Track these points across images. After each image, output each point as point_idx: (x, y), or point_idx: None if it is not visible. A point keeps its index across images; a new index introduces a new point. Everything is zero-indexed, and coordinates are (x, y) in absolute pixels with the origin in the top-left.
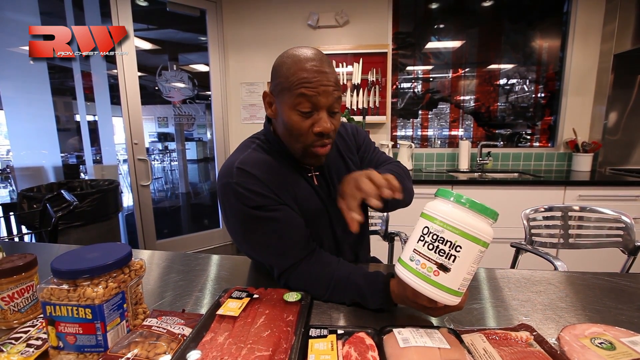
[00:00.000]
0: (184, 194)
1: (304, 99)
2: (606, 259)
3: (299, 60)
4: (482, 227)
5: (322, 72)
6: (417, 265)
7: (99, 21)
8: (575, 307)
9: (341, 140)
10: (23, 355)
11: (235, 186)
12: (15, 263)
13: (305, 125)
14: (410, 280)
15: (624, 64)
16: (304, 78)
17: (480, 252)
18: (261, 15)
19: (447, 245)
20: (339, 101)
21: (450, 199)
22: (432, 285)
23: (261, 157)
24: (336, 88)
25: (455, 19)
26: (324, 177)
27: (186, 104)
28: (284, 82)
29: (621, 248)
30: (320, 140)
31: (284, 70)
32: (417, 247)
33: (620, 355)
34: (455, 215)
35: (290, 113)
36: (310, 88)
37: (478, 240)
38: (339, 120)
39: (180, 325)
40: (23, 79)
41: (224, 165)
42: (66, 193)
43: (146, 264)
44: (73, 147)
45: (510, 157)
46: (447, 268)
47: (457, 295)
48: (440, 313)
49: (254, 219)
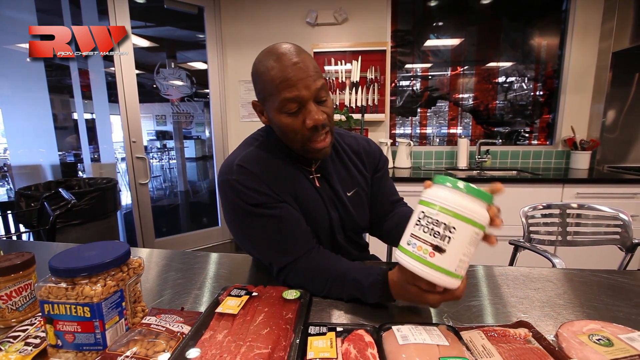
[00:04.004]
0: (183, 192)
1: (287, 101)
2: (604, 256)
3: (271, 63)
4: (476, 209)
5: (296, 65)
6: (413, 248)
7: (96, 19)
8: (573, 304)
9: (353, 152)
10: (21, 353)
11: (235, 183)
12: (13, 261)
13: (297, 124)
14: (407, 263)
15: (622, 61)
16: (281, 80)
17: (475, 233)
18: (259, 13)
19: (442, 227)
20: (324, 87)
21: (446, 184)
22: (429, 267)
23: (262, 155)
24: (316, 76)
25: (454, 16)
26: (326, 179)
27: (184, 102)
28: (264, 89)
29: (619, 245)
30: (316, 134)
31: (261, 78)
32: (414, 232)
33: (618, 352)
34: (450, 199)
35: (279, 117)
36: (290, 88)
37: (472, 221)
38: (330, 106)
39: (179, 323)
40: (19, 76)
41: (224, 162)
42: (64, 191)
43: (145, 262)
44: (71, 146)
45: (509, 155)
46: (442, 249)
47: (454, 277)
48: (439, 299)
49: (253, 216)
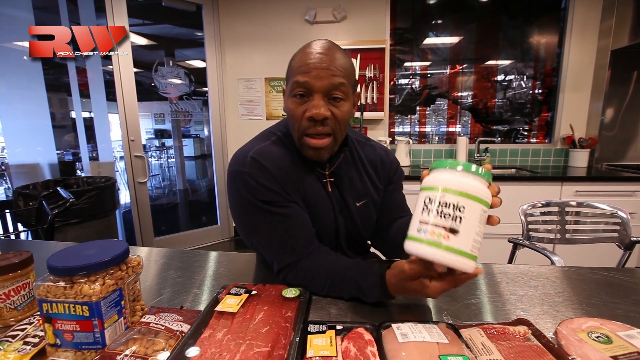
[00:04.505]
0: (182, 190)
1: (298, 84)
2: (603, 253)
3: (303, 51)
4: (480, 186)
5: (319, 55)
6: (425, 234)
7: (94, 17)
8: (572, 302)
9: (370, 161)
10: (20, 353)
11: (247, 177)
12: (11, 260)
13: (300, 111)
14: (422, 250)
15: (621, 60)
16: (300, 64)
17: (483, 211)
18: (258, 11)
19: (451, 208)
20: (343, 87)
21: (446, 167)
22: (445, 250)
23: (277, 151)
24: (338, 73)
25: (453, 14)
26: (338, 185)
27: (183, 100)
28: (288, 72)
29: (617, 243)
30: (313, 128)
31: (290, 63)
32: (422, 218)
33: (617, 349)
34: (453, 179)
35: (288, 100)
36: (303, 73)
37: (479, 199)
38: (343, 110)
39: (178, 322)
40: (17, 75)
41: (238, 152)
42: (62, 190)
43: (144, 261)
44: (69, 144)
45: (508, 153)
46: (455, 230)
47: (470, 258)
48: (439, 289)
49: (261, 212)
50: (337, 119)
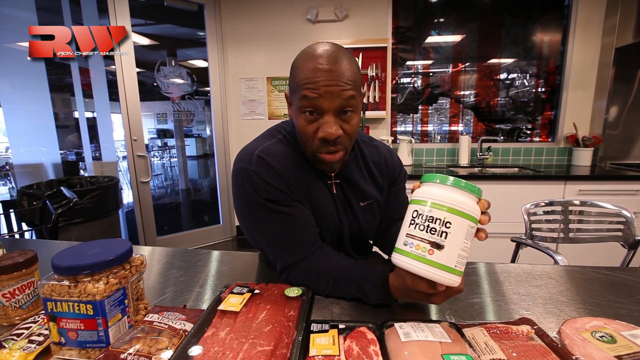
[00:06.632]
0: (184, 190)
1: (306, 101)
2: (606, 253)
3: (307, 58)
4: (469, 202)
5: (328, 71)
6: (411, 248)
7: (96, 17)
8: (576, 301)
9: (374, 162)
10: (25, 351)
11: (253, 174)
12: (16, 259)
13: (311, 130)
14: (407, 264)
15: (625, 57)
16: (306, 78)
17: (470, 227)
18: (260, 10)
19: (437, 223)
20: (352, 100)
21: (435, 181)
22: (429, 265)
23: (283, 150)
24: (347, 86)
25: (456, 13)
26: (343, 186)
27: (185, 100)
28: (293, 83)
29: (621, 242)
30: (325, 147)
31: (294, 72)
32: (409, 231)
33: (621, 349)
34: (442, 194)
35: (297, 115)
36: (311, 89)
37: (466, 215)
38: (353, 123)
39: (181, 321)
40: (20, 75)
41: (244, 149)
42: (66, 190)
43: (147, 260)
44: (72, 144)
45: (511, 152)
46: (440, 245)
47: (455, 274)
48: (442, 299)
49: (265, 211)
50: (349, 134)
